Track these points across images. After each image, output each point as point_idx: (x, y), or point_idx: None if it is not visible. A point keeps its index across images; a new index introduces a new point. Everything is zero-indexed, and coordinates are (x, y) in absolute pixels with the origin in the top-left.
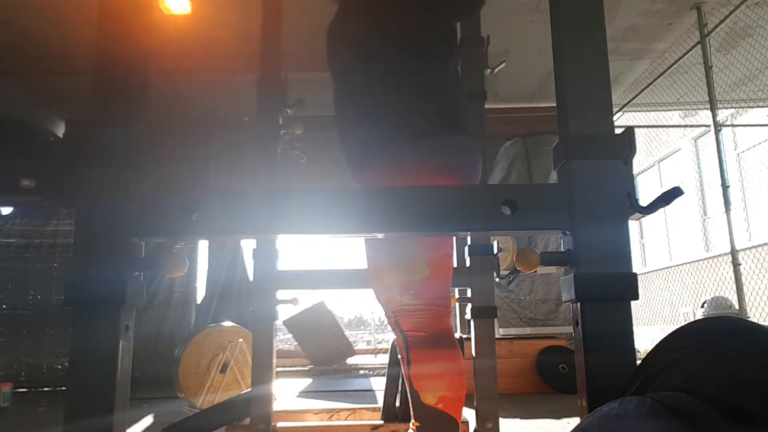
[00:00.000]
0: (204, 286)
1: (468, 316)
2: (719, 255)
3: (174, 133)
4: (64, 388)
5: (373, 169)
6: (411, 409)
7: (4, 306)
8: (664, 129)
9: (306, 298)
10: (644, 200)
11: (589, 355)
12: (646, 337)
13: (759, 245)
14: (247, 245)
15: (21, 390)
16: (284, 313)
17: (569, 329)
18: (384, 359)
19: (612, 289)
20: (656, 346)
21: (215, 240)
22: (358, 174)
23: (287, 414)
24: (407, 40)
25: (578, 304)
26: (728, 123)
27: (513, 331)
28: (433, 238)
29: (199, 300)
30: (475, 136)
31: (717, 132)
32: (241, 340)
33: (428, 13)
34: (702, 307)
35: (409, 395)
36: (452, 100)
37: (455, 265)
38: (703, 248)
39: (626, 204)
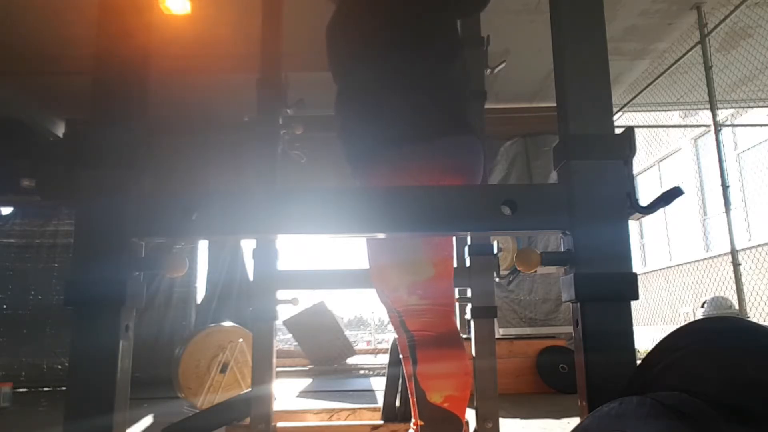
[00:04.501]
0: (204, 286)
1: (468, 316)
2: (719, 255)
3: (174, 133)
4: (64, 388)
5: (378, 169)
6: (415, 408)
7: (4, 306)
8: (664, 129)
9: (306, 298)
10: (644, 200)
11: (589, 355)
12: (646, 337)
13: (759, 245)
14: (247, 245)
15: (21, 390)
16: (284, 313)
17: (569, 329)
18: (384, 359)
19: (612, 289)
20: (656, 346)
21: (215, 240)
22: (361, 173)
23: (287, 414)
24: (410, 36)
25: (578, 304)
26: (728, 123)
27: (513, 331)
28: (437, 239)
29: (199, 300)
30: (477, 136)
31: (717, 132)
32: (241, 340)
33: (432, 10)
34: (702, 307)
35: (413, 394)
36: (458, 99)
37: (455, 265)
38: (703, 248)
39: (626, 204)
